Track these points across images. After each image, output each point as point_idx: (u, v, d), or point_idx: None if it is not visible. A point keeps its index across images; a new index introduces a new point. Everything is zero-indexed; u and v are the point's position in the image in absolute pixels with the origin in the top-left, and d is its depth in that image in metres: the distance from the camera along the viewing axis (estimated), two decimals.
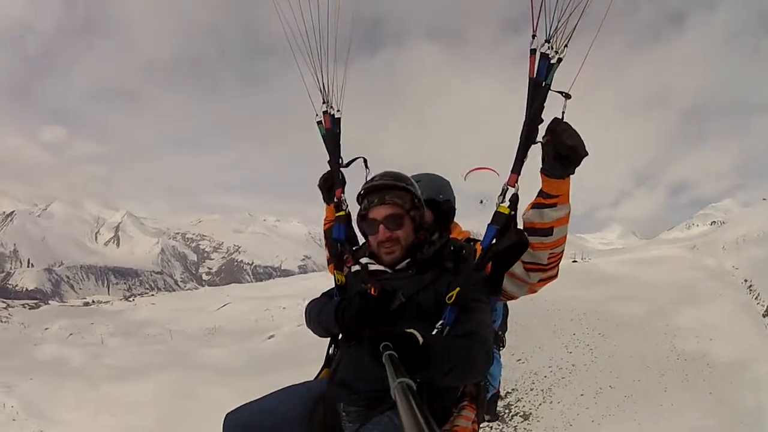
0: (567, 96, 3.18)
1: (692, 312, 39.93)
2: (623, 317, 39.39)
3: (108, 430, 26.84)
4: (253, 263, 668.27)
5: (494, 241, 3.31)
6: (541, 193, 3.35)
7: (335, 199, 4.23)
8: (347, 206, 4.17)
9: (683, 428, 25.98)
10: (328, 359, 3.81)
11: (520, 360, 36.19)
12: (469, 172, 4.53)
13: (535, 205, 3.39)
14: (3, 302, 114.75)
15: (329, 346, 3.83)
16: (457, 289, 3.14)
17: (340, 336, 3.63)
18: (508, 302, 4.67)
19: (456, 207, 4.57)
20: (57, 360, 51.34)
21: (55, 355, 56.53)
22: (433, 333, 3.10)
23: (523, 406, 31.35)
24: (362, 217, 3.49)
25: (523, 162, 3.29)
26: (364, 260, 3.54)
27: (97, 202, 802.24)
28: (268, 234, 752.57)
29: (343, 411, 3.35)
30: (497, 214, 3.32)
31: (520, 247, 3.28)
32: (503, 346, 5.42)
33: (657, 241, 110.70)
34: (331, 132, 4.27)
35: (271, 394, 3.58)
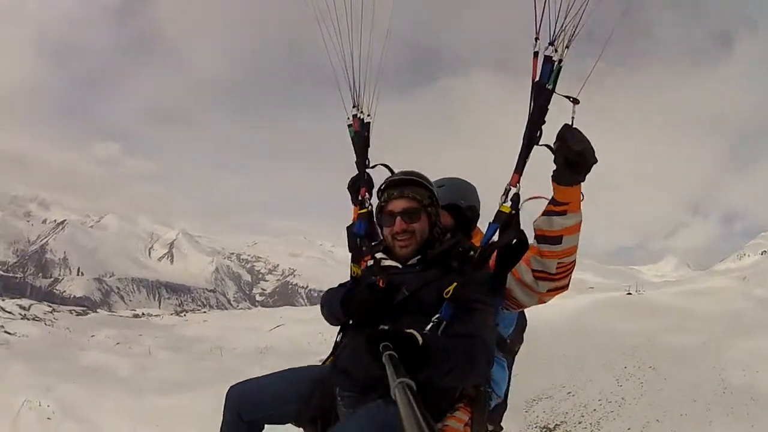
0: (575, 101, 3.27)
1: (742, 343, 39.49)
2: (674, 349, 39.40)
3: None
4: (307, 287, 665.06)
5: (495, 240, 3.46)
6: (551, 201, 3.42)
7: (359, 198, 4.39)
8: (370, 205, 4.31)
9: None
10: (336, 346, 3.94)
11: (570, 393, 38.21)
12: (529, 199, 3.65)
13: (545, 213, 3.45)
14: (49, 306, 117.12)
15: (338, 334, 3.97)
16: (455, 284, 3.26)
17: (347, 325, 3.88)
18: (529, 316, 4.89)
19: (480, 213, 4.52)
20: (102, 367, 52.35)
21: (100, 362, 58.08)
22: (429, 326, 3.18)
23: None
24: (381, 209, 3.67)
25: (525, 163, 3.43)
26: (378, 255, 3.74)
27: (151, 218, 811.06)
28: (324, 259, 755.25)
29: (338, 395, 3.53)
30: (499, 213, 3.45)
31: (519, 245, 3.40)
32: (510, 354, 4.67)
33: (710, 272, 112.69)
34: (360, 134, 4.51)
35: (276, 372, 3.88)
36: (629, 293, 62.00)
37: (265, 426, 3.84)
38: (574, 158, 3.21)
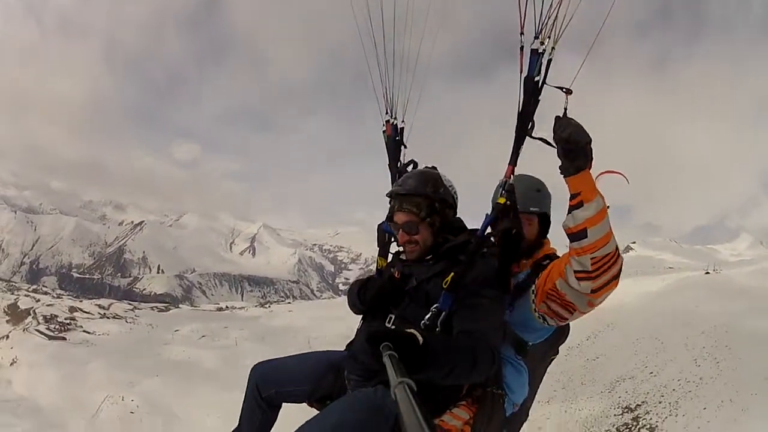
0: (568, 91, 3.32)
1: None
2: (752, 330, 38.96)
3: None
4: None
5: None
6: (569, 198, 3.37)
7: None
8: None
9: None
10: (358, 332, 4.05)
11: (652, 373, 39.08)
12: (599, 175, 3.58)
13: (567, 211, 3.40)
14: (129, 304, 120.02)
15: (360, 321, 4.11)
16: (452, 274, 3.39)
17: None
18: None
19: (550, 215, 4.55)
20: (186, 361, 53.25)
21: (185, 356, 59.36)
22: (428, 316, 3.38)
23: (650, 418, 33.24)
24: (389, 218, 3.94)
25: (518, 155, 3.64)
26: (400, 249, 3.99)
27: (232, 214, 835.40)
28: None
29: (347, 378, 3.66)
30: (495, 205, 3.69)
31: (512, 233, 3.57)
32: (534, 361, 4.22)
33: None
34: (392, 138, 4.95)
35: (296, 354, 4.20)
36: (707, 272, 64.19)
37: (283, 404, 4.11)
38: (565, 145, 3.18)
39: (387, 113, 4.89)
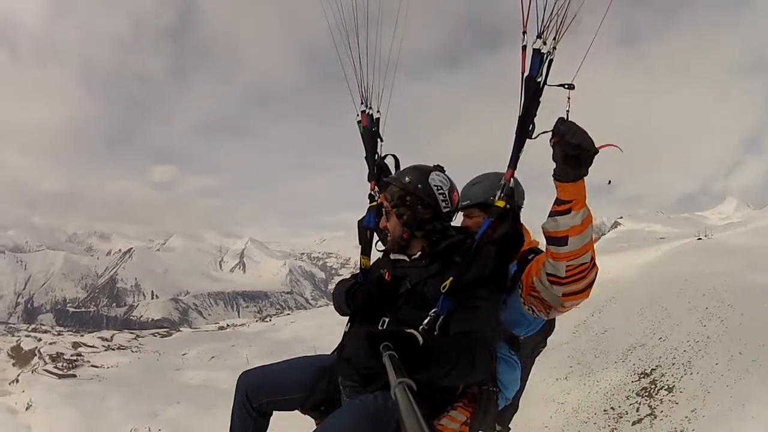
0: (570, 87, 3.25)
1: None
2: (750, 286, 40.64)
3: None
4: None
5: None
6: (555, 201, 3.35)
7: (369, 192, 4.53)
8: (379, 198, 4.14)
9: None
10: (344, 336, 4.01)
11: (661, 338, 40.63)
12: (602, 147, 3.39)
13: (550, 213, 3.39)
14: (131, 333, 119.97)
15: (346, 324, 4.04)
16: (450, 278, 3.35)
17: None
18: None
19: (522, 206, 4.48)
20: (202, 384, 52.99)
21: (199, 379, 59.09)
22: (426, 321, 3.33)
23: (667, 380, 34.71)
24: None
25: (518, 157, 3.53)
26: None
27: (217, 231, 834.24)
28: None
29: (341, 384, 3.63)
30: (494, 208, 3.59)
31: (511, 239, 3.54)
32: (525, 356, 4.36)
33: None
34: (368, 129, 4.70)
35: (285, 360, 4.12)
36: (699, 238, 66.51)
37: (274, 412, 4.01)
38: (573, 152, 3.14)
39: (362, 103, 4.72)
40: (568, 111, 3.22)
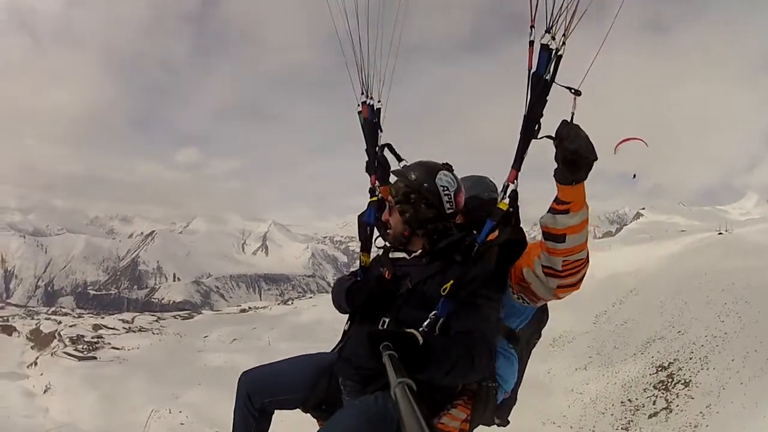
0: (577, 93, 3.17)
1: None
2: (766, 284, 41.73)
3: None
4: None
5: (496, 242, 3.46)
6: (555, 199, 3.33)
7: (370, 185, 4.48)
8: (380, 192, 4.30)
9: None
10: (344, 335, 4.04)
11: (680, 332, 42.17)
12: (619, 144, 4.92)
13: (549, 210, 3.38)
14: (152, 315, 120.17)
15: (346, 323, 4.08)
16: (451, 281, 3.32)
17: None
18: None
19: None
20: (223, 366, 53.20)
21: (221, 361, 59.37)
22: (426, 323, 3.32)
23: (684, 374, 36.59)
24: None
25: (522, 158, 3.41)
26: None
27: (240, 215, 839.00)
28: None
29: (342, 384, 3.68)
30: (497, 210, 3.45)
31: (515, 244, 3.41)
32: (521, 348, 4.29)
33: None
34: (369, 121, 4.57)
35: (286, 359, 4.14)
36: (720, 233, 67.65)
37: (276, 411, 4.03)
38: (571, 157, 3.08)
39: (363, 93, 4.62)
40: (573, 114, 3.13)
